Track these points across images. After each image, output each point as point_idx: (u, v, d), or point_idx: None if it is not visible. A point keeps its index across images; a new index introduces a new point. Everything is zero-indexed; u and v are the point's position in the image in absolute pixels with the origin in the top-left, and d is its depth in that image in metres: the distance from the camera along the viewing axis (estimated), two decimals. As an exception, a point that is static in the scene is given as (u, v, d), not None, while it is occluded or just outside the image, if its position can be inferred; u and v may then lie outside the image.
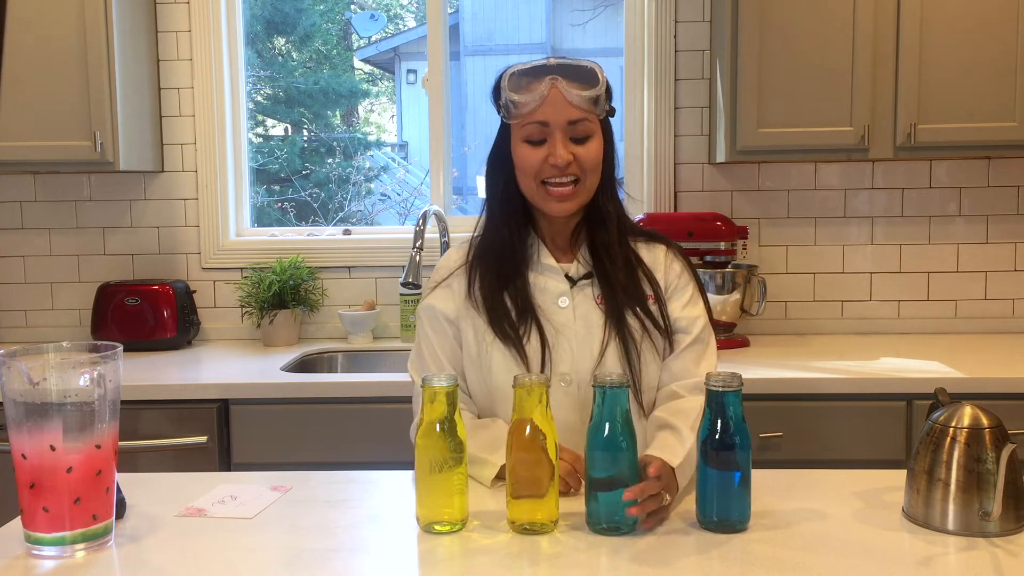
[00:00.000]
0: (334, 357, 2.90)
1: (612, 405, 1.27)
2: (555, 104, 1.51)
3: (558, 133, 1.52)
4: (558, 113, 1.51)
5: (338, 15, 5.04)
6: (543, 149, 1.53)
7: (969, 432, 1.28)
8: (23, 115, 2.65)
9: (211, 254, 3.04)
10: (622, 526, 1.28)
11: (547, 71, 1.52)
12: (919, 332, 2.95)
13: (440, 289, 1.66)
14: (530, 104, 1.51)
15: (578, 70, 1.53)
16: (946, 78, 2.57)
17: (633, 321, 1.56)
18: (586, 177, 1.54)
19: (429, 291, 1.67)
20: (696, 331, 1.60)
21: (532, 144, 1.54)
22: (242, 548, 1.27)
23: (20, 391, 1.18)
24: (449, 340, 1.64)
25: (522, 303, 1.58)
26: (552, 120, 1.51)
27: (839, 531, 1.29)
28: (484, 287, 1.60)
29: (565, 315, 1.59)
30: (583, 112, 1.52)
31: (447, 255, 1.70)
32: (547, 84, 1.51)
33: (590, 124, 1.53)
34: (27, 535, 1.23)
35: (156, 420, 2.37)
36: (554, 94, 1.51)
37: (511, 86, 1.53)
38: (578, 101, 1.51)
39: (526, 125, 1.53)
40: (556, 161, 1.51)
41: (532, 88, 1.52)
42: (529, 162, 1.54)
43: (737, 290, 2.74)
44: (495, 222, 1.63)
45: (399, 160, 5.37)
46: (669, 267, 1.63)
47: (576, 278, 1.60)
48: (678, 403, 1.53)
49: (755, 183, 2.96)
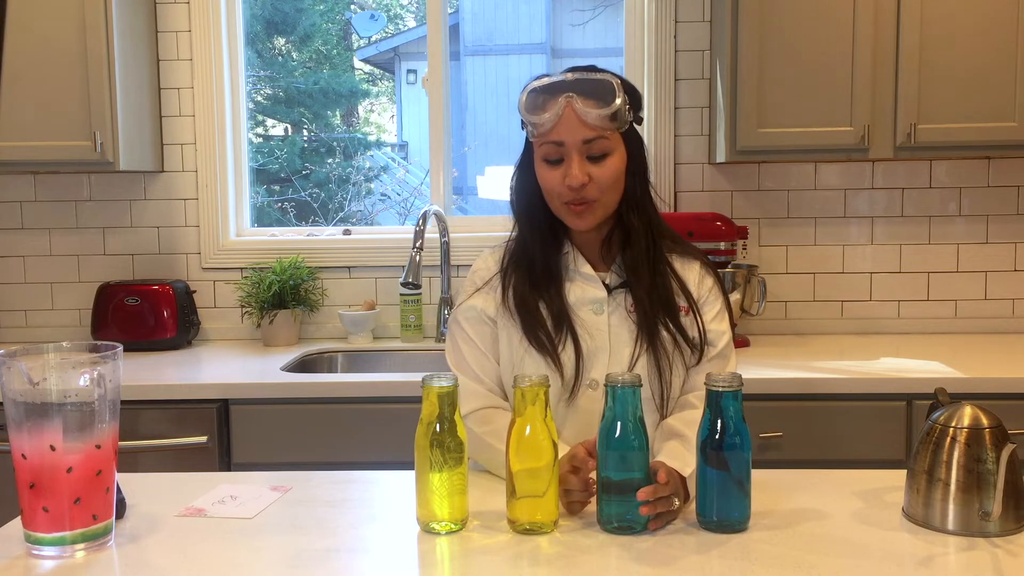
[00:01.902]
0: (334, 357, 2.90)
1: (624, 404, 1.28)
2: (569, 124, 1.50)
3: (574, 153, 1.51)
4: (573, 133, 1.50)
5: (338, 15, 5.04)
6: (560, 169, 1.52)
7: (969, 432, 1.28)
8: (23, 115, 2.65)
9: (211, 254, 3.04)
10: (634, 525, 1.28)
11: (563, 88, 1.51)
12: (919, 332, 2.96)
13: (478, 293, 1.65)
14: (545, 125, 1.51)
15: (595, 86, 1.51)
16: (946, 78, 2.57)
17: (666, 335, 1.56)
18: (603, 195, 1.53)
19: (467, 296, 1.67)
20: (721, 346, 1.60)
21: (550, 164, 1.53)
22: (242, 548, 1.27)
23: (20, 391, 1.19)
24: (491, 337, 1.63)
25: (558, 312, 1.57)
26: (567, 140, 1.51)
27: (839, 531, 1.29)
28: (517, 295, 1.60)
29: (600, 323, 1.58)
30: (598, 131, 1.50)
31: (483, 260, 1.69)
32: (562, 103, 1.50)
33: (606, 142, 1.52)
34: (27, 535, 1.23)
35: (156, 420, 2.37)
36: (568, 113, 1.50)
37: (527, 105, 1.53)
38: (593, 120, 1.49)
39: (543, 145, 1.53)
40: (571, 183, 1.50)
41: (547, 107, 1.51)
42: (549, 183, 1.54)
43: (737, 290, 2.74)
44: (525, 235, 1.62)
45: (399, 160, 5.37)
46: (702, 281, 1.63)
47: (613, 286, 1.60)
48: (689, 413, 1.54)
49: (755, 183, 2.96)
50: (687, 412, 1.54)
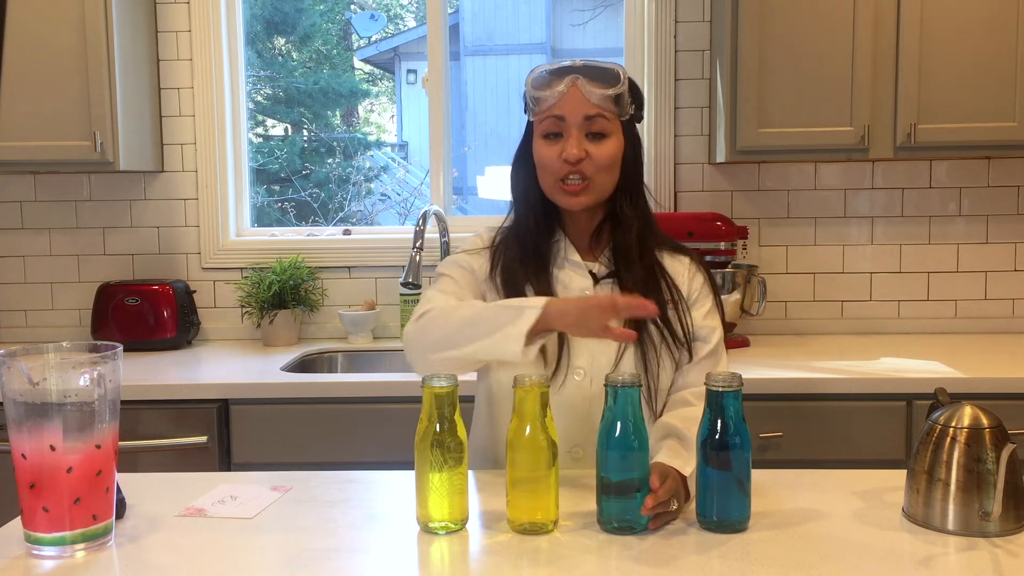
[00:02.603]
0: (334, 357, 2.90)
1: (624, 404, 1.28)
2: (573, 100, 1.54)
3: (574, 129, 1.54)
4: (575, 108, 1.53)
5: (338, 15, 5.04)
6: (559, 144, 1.55)
7: (969, 432, 1.28)
8: (23, 115, 2.65)
9: (211, 254, 3.04)
10: (634, 525, 1.28)
11: (570, 71, 1.55)
12: (919, 332, 2.95)
13: (467, 253, 1.67)
14: (549, 99, 1.54)
15: (600, 71, 1.56)
16: (946, 78, 2.57)
17: (653, 328, 1.57)
18: (597, 174, 1.55)
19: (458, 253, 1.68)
20: (713, 342, 1.62)
21: (549, 139, 1.56)
22: (242, 548, 1.27)
23: (20, 391, 1.19)
24: (474, 286, 1.62)
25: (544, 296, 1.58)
26: (568, 114, 1.54)
27: (839, 531, 1.29)
28: (506, 272, 1.61)
29: None
30: (600, 109, 1.53)
31: (479, 234, 1.71)
32: (568, 82, 1.54)
33: (607, 122, 1.54)
34: (27, 535, 1.23)
35: (156, 420, 2.37)
36: (573, 91, 1.54)
37: (534, 83, 1.57)
38: (596, 99, 1.53)
39: (544, 120, 1.56)
40: (568, 156, 1.52)
41: (553, 85, 1.55)
42: (546, 158, 1.56)
43: (737, 290, 2.73)
44: (520, 217, 1.65)
45: (399, 160, 5.37)
46: (692, 278, 1.64)
47: (600, 276, 1.61)
48: (687, 410, 1.54)
49: (755, 183, 2.96)
50: (685, 409, 1.54)
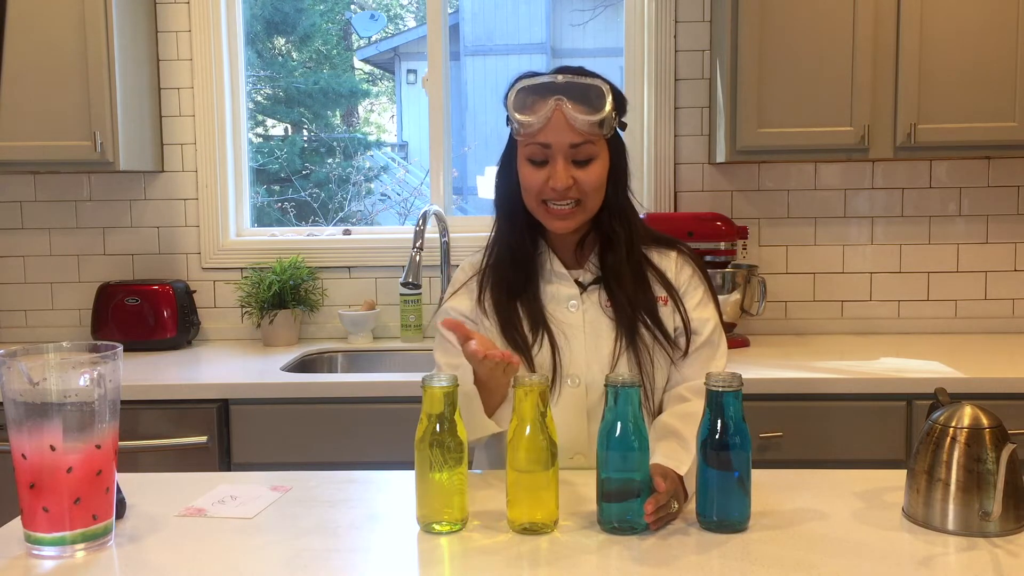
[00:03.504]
0: (334, 357, 2.90)
1: (624, 405, 1.28)
2: (558, 127, 1.50)
3: (560, 156, 1.51)
4: (560, 137, 1.50)
5: (338, 15, 5.04)
6: (545, 171, 1.53)
7: (969, 432, 1.28)
8: (23, 115, 2.65)
9: (211, 254, 3.04)
10: (635, 525, 1.28)
11: (553, 90, 1.51)
12: (919, 332, 2.95)
13: (455, 295, 1.67)
14: (533, 126, 1.51)
15: (585, 90, 1.51)
16: (946, 78, 2.57)
17: (645, 332, 1.57)
18: (587, 199, 1.55)
19: (448, 296, 1.68)
20: (706, 333, 1.61)
21: (535, 164, 1.54)
22: (242, 548, 1.27)
23: (20, 391, 1.19)
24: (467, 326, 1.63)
25: (533, 312, 1.59)
26: (554, 143, 1.51)
27: (839, 531, 1.29)
28: (494, 296, 1.61)
29: (575, 318, 1.60)
30: (586, 136, 1.51)
31: (461, 267, 1.70)
32: (551, 105, 1.50)
33: (592, 147, 1.52)
34: (27, 535, 1.23)
35: (156, 420, 2.37)
36: (557, 117, 1.50)
37: (516, 104, 1.53)
38: (581, 125, 1.50)
39: (529, 145, 1.53)
40: (556, 185, 1.51)
41: (536, 109, 1.51)
42: (530, 183, 1.54)
43: (737, 290, 2.73)
44: (504, 232, 1.63)
45: (399, 160, 5.37)
46: (679, 272, 1.64)
47: (586, 284, 1.61)
48: (683, 407, 1.54)
49: (755, 183, 2.96)
50: (681, 406, 1.54)
